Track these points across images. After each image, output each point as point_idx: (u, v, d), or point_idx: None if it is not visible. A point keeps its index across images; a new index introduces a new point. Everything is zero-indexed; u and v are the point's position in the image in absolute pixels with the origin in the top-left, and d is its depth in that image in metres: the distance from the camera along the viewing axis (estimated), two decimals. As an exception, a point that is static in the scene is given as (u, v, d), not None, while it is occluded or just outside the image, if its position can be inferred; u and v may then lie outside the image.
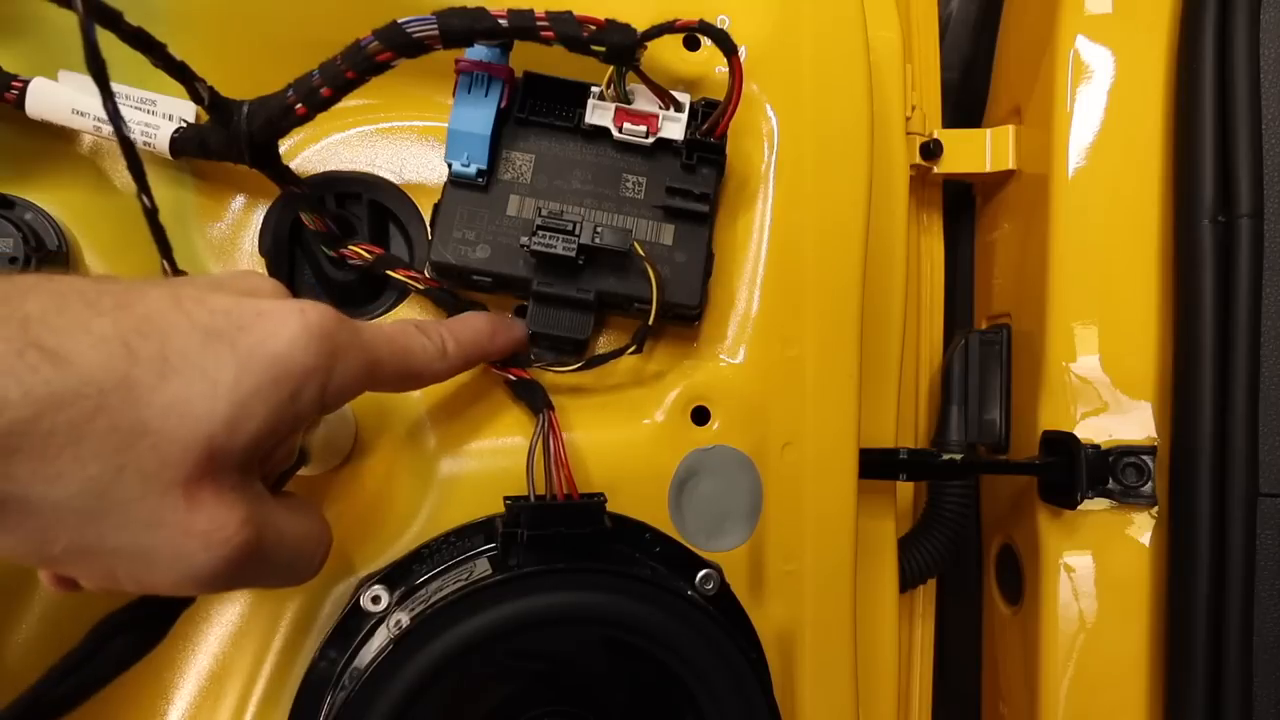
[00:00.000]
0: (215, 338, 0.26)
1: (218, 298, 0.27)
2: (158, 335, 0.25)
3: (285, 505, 0.29)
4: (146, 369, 0.24)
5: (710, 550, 0.42)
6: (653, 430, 0.42)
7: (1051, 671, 0.50)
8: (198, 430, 0.24)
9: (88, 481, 0.23)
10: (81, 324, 0.24)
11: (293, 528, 0.29)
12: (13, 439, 0.22)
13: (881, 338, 0.52)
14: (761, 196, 0.44)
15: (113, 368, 0.23)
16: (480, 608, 0.33)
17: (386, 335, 0.32)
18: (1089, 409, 0.51)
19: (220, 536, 0.25)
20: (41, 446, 0.22)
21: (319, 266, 0.43)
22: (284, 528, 0.29)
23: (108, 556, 0.25)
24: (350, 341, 0.29)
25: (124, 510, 0.24)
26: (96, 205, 0.41)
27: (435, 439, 0.41)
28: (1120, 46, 0.52)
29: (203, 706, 0.40)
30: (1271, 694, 0.44)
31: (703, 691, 0.35)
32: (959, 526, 0.55)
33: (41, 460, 0.22)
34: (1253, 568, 0.44)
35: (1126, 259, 0.51)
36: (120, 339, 0.24)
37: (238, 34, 0.42)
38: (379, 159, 0.44)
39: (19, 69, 0.39)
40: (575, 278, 0.40)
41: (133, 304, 0.25)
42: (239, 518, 0.26)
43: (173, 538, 0.25)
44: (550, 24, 0.36)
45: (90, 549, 0.24)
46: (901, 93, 0.55)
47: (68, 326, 0.23)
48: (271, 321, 0.27)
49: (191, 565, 0.25)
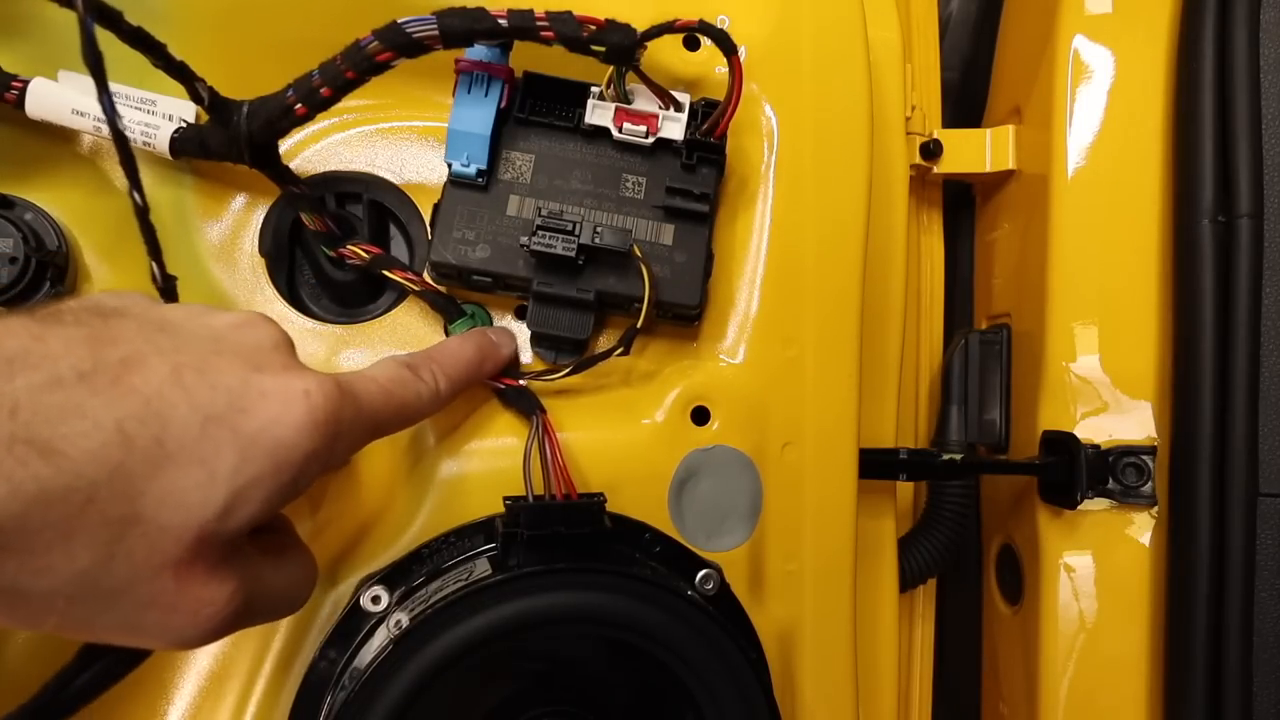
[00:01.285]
0: (215, 423, 0.24)
1: (219, 369, 0.25)
2: (156, 420, 0.23)
3: (271, 557, 0.29)
4: (141, 458, 0.23)
5: (710, 550, 0.42)
6: (653, 430, 0.42)
7: (1051, 671, 0.50)
8: (189, 519, 0.24)
9: (76, 574, 0.23)
10: (74, 407, 0.22)
11: (279, 579, 0.29)
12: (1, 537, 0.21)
13: (881, 338, 0.52)
14: (761, 196, 0.44)
15: (107, 458, 0.22)
16: (480, 608, 0.33)
17: (384, 392, 0.32)
18: (1089, 409, 0.51)
19: (208, 612, 0.25)
20: (30, 543, 0.22)
21: (319, 266, 0.43)
22: (271, 581, 0.28)
23: (99, 631, 0.25)
24: (353, 419, 0.29)
25: (114, 595, 0.24)
26: (96, 205, 0.41)
27: (435, 440, 0.41)
28: (1120, 46, 0.52)
29: (203, 706, 0.40)
30: (1271, 694, 0.44)
31: (703, 691, 0.35)
32: (959, 526, 0.55)
33: (30, 555, 0.22)
34: (1253, 568, 0.44)
35: (1126, 259, 0.51)
36: (116, 425, 0.23)
37: (238, 34, 0.42)
38: (379, 159, 0.44)
39: (19, 69, 0.39)
40: (575, 278, 0.40)
41: (130, 378, 0.23)
42: (227, 593, 0.25)
43: (160, 615, 0.24)
44: (550, 24, 0.36)
45: (81, 625, 0.24)
46: (901, 93, 0.55)
47: (59, 411, 0.22)
48: (275, 405, 0.26)
49: (180, 636, 0.25)
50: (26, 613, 0.23)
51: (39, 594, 0.22)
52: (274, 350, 0.28)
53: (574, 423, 0.41)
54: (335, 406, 0.27)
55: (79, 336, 0.24)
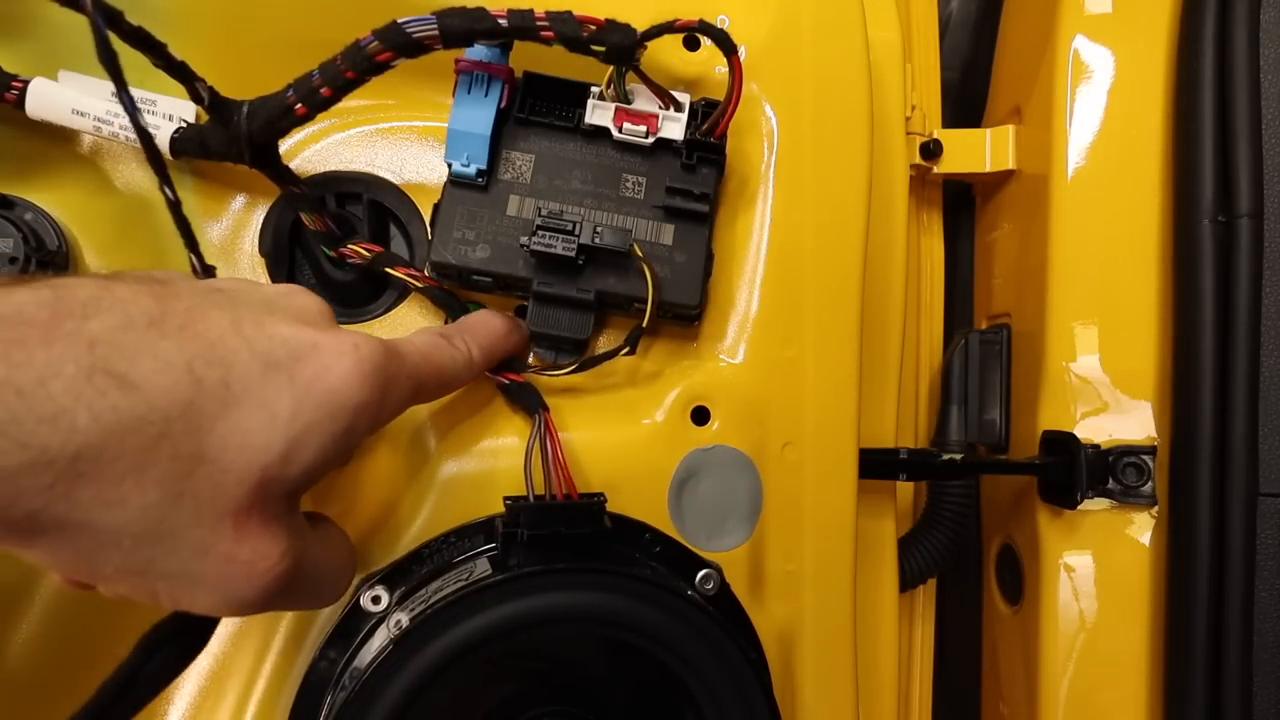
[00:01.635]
0: (274, 368, 0.26)
1: (275, 324, 0.27)
2: (221, 363, 0.25)
3: (321, 536, 0.30)
4: (210, 397, 0.24)
5: (710, 550, 0.42)
6: (653, 430, 0.42)
7: (1051, 671, 0.50)
8: (254, 461, 0.25)
9: (146, 508, 0.23)
10: (148, 347, 0.23)
11: (327, 559, 0.30)
12: (80, 464, 0.22)
13: (881, 338, 0.52)
14: (761, 196, 0.44)
15: (178, 394, 0.23)
16: (480, 608, 0.33)
17: (424, 354, 0.33)
18: (1089, 409, 0.51)
19: (263, 567, 0.26)
20: (107, 472, 0.22)
21: (319, 266, 0.43)
22: (319, 559, 0.29)
23: (154, 579, 0.25)
24: (399, 372, 0.30)
25: (176, 537, 0.24)
26: (96, 205, 0.41)
27: (435, 440, 0.41)
28: (1120, 46, 0.52)
29: (203, 706, 0.40)
30: (1271, 694, 0.44)
31: (703, 691, 0.35)
32: (959, 526, 0.55)
33: (105, 485, 0.22)
34: (1253, 568, 0.44)
35: (1126, 259, 0.51)
36: (186, 365, 0.24)
37: (238, 34, 0.42)
38: (379, 159, 0.44)
39: (19, 69, 0.39)
40: (575, 278, 0.40)
41: (195, 325, 0.25)
42: (280, 549, 0.26)
43: (218, 565, 0.25)
44: (550, 24, 0.36)
45: (139, 571, 0.24)
46: (901, 93, 0.55)
47: (134, 349, 0.23)
48: (327, 355, 0.27)
49: (232, 592, 0.26)
50: (93, 550, 0.23)
51: (109, 528, 0.23)
52: (320, 314, 0.30)
53: (574, 422, 0.41)
54: (383, 360, 0.28)
55: (144, 290, 0.25)
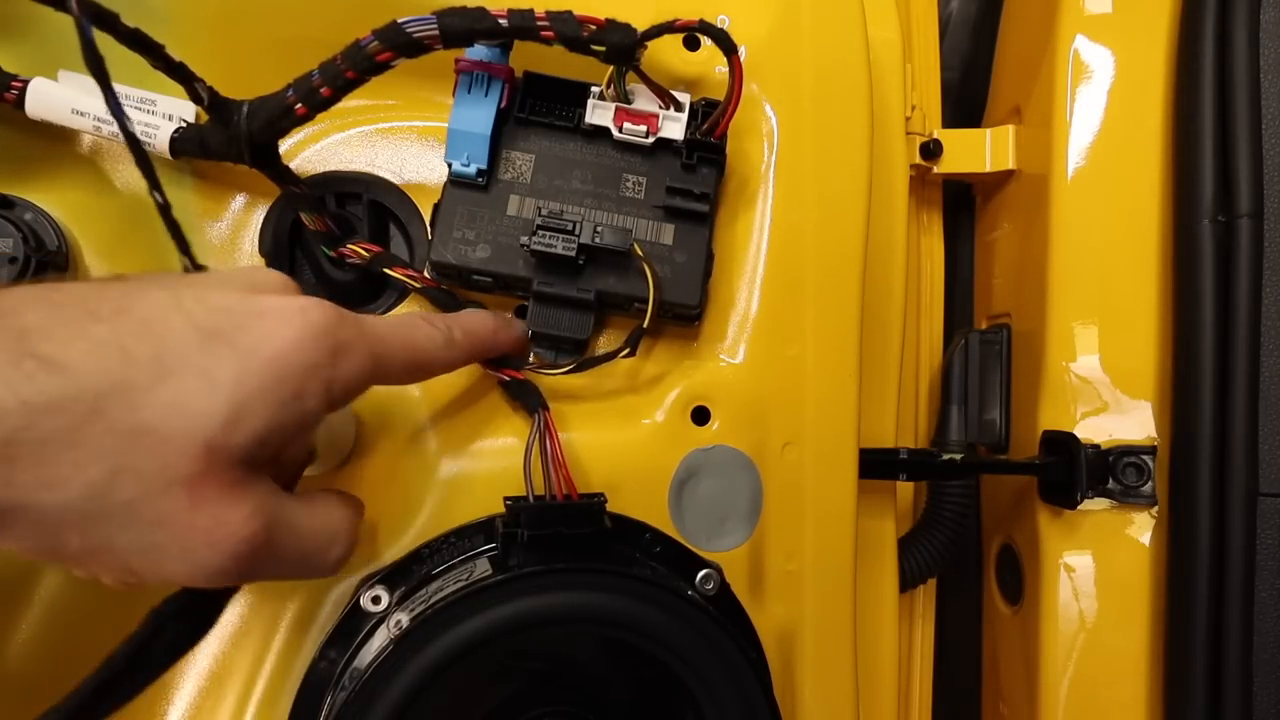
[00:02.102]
0: (214, 338, 0.26)
1: (220, 295, 0.27)
2: (154, 338, 0.25)
3: (302, 500, 0.30)
4: (142, 371, 0.24)
5: (710, 550, 0.42)
6: (653, 430, 0.42)
7: (1051, 671, 0.50)
8: (194, 428, 0.25)
9: (90, 485, 0.23)
10: (79, 331, 0.24)
11: (310, 527, 0.30)
12: (11, 448, 0.22)
13: (881, 338, 0.52)
14: (761, 196, 0.44)
15: (108, 371, 0.24)
16: (480, 608, 0.33)
17: (391, 327, 0.32)
18: (1089, 409, 0.51)
19: (223, 533, 0.26)
20: (39, 453, 0.23)
21: (319, 266, 0.43)
22: (298, 523, 0.29)
23: (120, 554, 0.25)
24: (354, 337, 0.29)
25: (127, 511, 0.24)
26: (96, 205, 0.41)
27: (435, 439, 0.41)
28: (1120, 46, 0.52)
29: (203, 706, 0.40)
30: (1271, 694, 0.44)
31: (703, 691, 0.35)
32: (959, 526, 0.55)
33: (41, 466, 0.23)
34: (1253, 568, 0.44)
35: (1126, 259, 0.51)
36: (117, 343, 0.24)
37: (237, 34, 0.42)
38: (379, 159, 0.44)
39: (19, 69, 0.39)
40: (575, 277, 0.40)
41: (132, 307, 0.25)
42: (242, 515, 0.26)
43: (178, 535, 0.25)
44: (550, 24, 0.36)
45: (101, 549, 0.25)
46: (901, 93, 0.55)
47: (65, 335, 0.24)
48: (272, 320, 0.27)
49: (199, 560, 0.26)
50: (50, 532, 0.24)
51: (56, 508, 0.23)
52: (276, 284, 0.29)
53: (574, 423, 0.41)
54: (334, 322, 0.28)
55: (89, 286, 0.26)
